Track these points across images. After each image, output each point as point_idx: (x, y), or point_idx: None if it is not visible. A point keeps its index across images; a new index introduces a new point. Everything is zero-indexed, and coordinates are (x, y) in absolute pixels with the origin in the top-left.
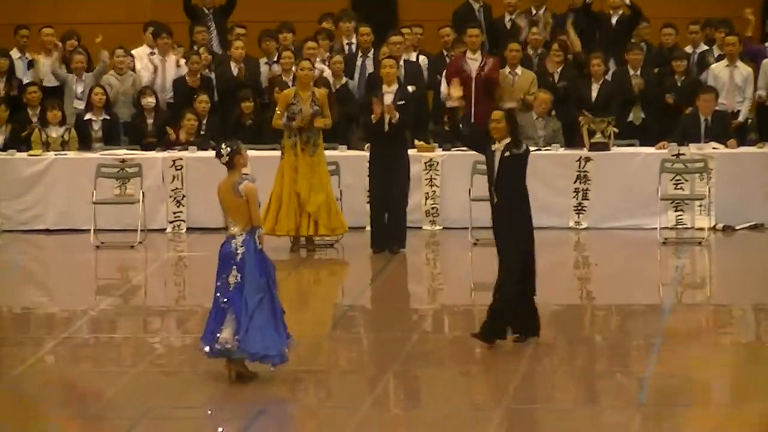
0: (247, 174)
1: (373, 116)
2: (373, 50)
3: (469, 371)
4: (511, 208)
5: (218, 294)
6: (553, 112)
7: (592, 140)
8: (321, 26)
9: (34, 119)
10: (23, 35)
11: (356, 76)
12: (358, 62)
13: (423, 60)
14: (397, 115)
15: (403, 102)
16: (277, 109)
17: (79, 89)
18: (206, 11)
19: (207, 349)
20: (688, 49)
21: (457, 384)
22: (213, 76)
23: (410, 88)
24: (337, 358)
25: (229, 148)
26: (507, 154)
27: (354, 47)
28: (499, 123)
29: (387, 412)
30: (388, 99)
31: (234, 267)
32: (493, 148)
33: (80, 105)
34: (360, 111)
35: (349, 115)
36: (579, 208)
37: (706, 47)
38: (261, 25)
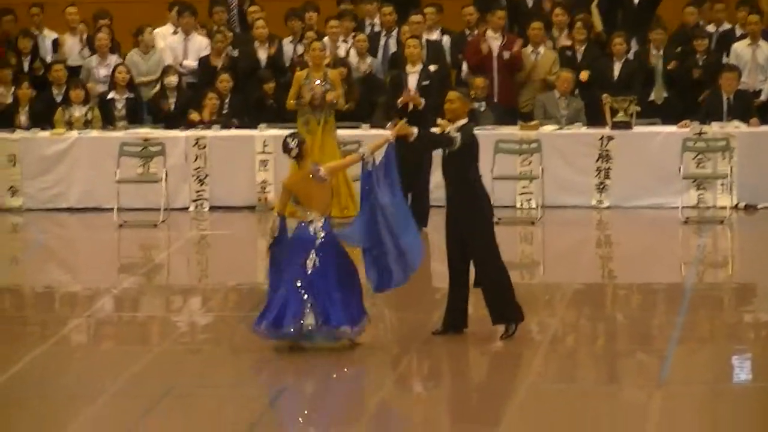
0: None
1: (399, 101)
2: (396, 29)
3: (491, 350)
4: (460, 195)
5: (293, 277)
6: (576, 91)
7: (614, 119)
8: (341, 7)
9: (59, 98)
10: (34, 13)
11: (379, 54)
12: (381, 41)
13: (445, 39)
14: (423, 102)
15: (427, 82)
16: (291, 90)
17: (102, 72)
18: None
19: (291, 329)
20: (710, 28)
21: (478, 363)
22: (237, 54)
23: (432, 67)
24: (360, 336)
25: (296, 140)
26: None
27: (377, 27)
28: (453, 104)
29: (409, 390)
30: (413, 79)
31: (312, 251)
32: (447, 130)
33: (103, 88)
34: (384, 90)
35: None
36: (601, 186)
37: (728, 26)
38: (285, 3)
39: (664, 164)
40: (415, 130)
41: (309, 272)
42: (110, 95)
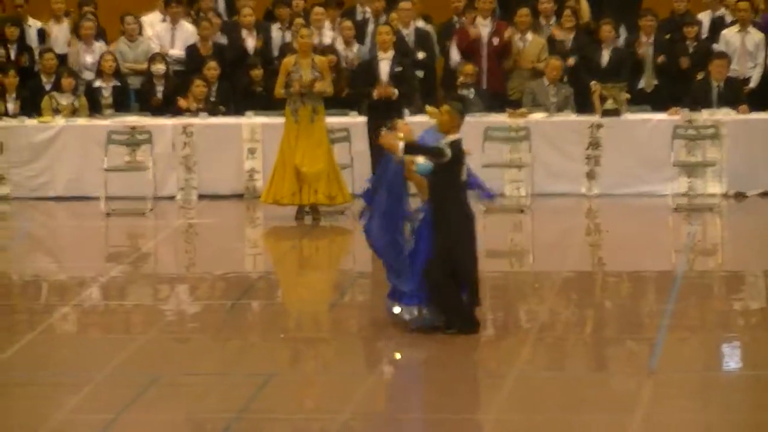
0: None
1: (374, 94)
2: (385, 16)
3: (480, 338)
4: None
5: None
6: (565, 79)
7: (603, 106)
8: None
9: (48, 86)
10: (18, 4)
11: (367, 41)
12: (370, 28)
13: (429, 28)
14: (396, 92)
15: (400, 69)
16: (279, 78)
17: (89, 59)
18: None
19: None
20: (702, 15)
21: (468, 351)
22: (225, 41)
23: (420, 55)
24: (347, 325)
25: (385, 129)
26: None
27: (368, 14)
28: (442, 116)
29: (399, 378)
30: (385, 66)
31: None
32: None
33: (90, 75)
34: (357, 81)
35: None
36: (591, 174)
37: (722, 12)
38: None
39: (653, 152)
40: (401, 144)
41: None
42: (96, 83)
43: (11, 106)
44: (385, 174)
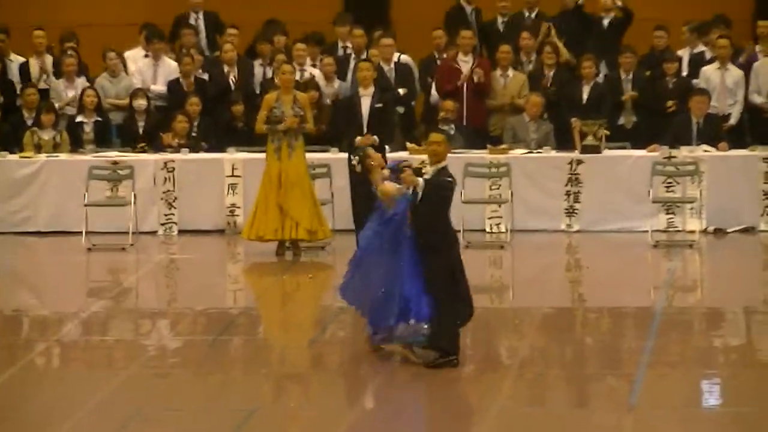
0: (403, 160)
1: (357, 141)
2: (366, 52)
3: (461, 374)
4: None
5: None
6: (545, 115)
7: (583, 143)
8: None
9: (30, 122)
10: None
11: (348, 77)
12: (351, 64)
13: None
14: (377, 140)
15: (380, 105)
16: (259, 113)
17: (71, 93)
18: (194, 14)
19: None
20: (682, 52)
21: (449, 386)
22: (207, 77)
23: (401, 91)
24: (328, 360)
25: (357, 158)
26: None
27: (349, 49)
28: (440, 146)
29: (376, 413)
30: (365, 102)
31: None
32: (423, 173)
33: (72, 111)
34: (338, 117)
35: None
36: (570, 210)
37: (702, 48)
38: (252, 24)
39: (633, 188)
40: (420, 180)
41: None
42: (78, 118)
43: None
44: (387, 227)
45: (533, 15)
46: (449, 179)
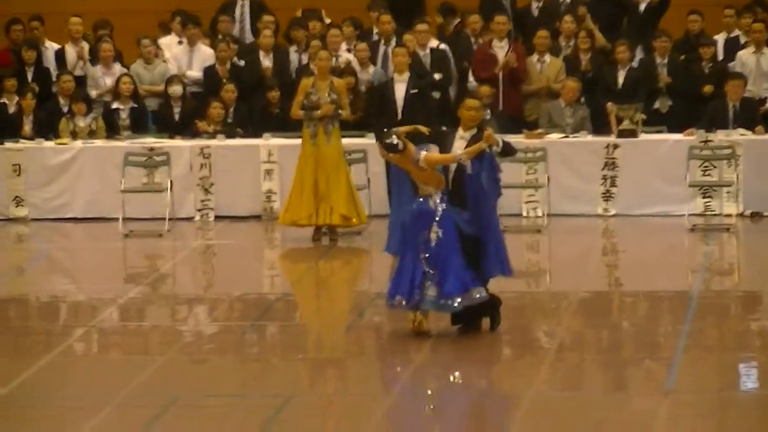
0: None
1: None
2: (395, 38)
3: (498, 359)
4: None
5: (417, 250)
6: (582, 100)
7: (620, 127)
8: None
9: (65, 108)
10: (34, 27)
11: (379, 63)
12: (381, 50)
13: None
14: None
15: (416, 91)
16: (295, 99)
17: (108, 80)
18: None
19: (403, 301)
20: (720, 36)
21: (485, 372)
22: (243, 64)
23: (437, 76)
24: (365, 346)
25: (394, 136)
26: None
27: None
28: (478, 111)
29: (414, 398)
30: (400, 88)
31: (435, 223)
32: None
33: (108, 98)
34: (373, 103)
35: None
36: (607, 194)
37: (737, 32)
38: (289, 12)
39: (670, 172)
40: (500, 139)
41: (433, 245)
42: (114, 105)
43: (28, 128)
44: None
45: (568, 0)
46: None
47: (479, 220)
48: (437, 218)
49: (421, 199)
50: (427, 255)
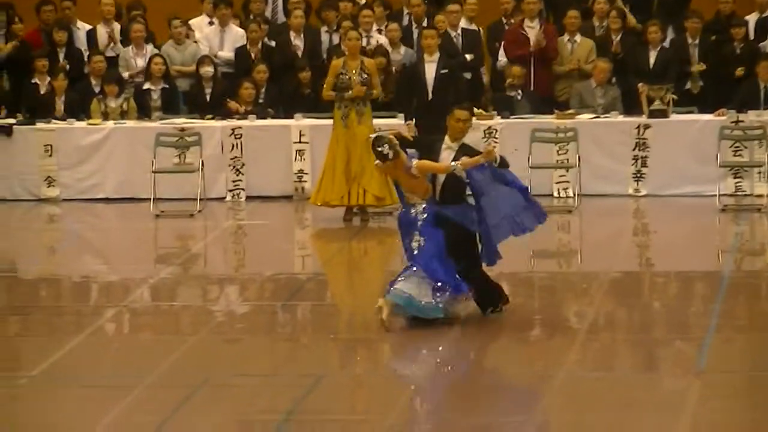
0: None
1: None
2: (426, 20)
3: (528, 339)
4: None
5: (406, 258)
6: (613, 80)
7: (651, 107)
8: None
9: (97, 89)
10: (66, 7)
11: (414, 45)
12: (414, 32)
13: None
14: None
15: (446, 71)
16: (326, 79)
17: (139, 60)
18: None
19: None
20: (752, 16)
21: (516, 352)
22: (274, 44)
23: (468, 57)
24: (395, 326)
25: (385, 145)
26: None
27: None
28: (466, 123)
29: (444, 378)
30: (430, 68)
31: (416, 232)
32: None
33: (140, 78)
34: (403, 84)
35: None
36: (638, 175)
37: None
38: None
39: (701, 152)
40: (498, 156)
41: (415, 253)
42: (146, 86)
43: (60, 109)
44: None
45: None
46: None
47: (473, 212)
48: (418, 227)
49: (404, 209)
50: (411, 263)
